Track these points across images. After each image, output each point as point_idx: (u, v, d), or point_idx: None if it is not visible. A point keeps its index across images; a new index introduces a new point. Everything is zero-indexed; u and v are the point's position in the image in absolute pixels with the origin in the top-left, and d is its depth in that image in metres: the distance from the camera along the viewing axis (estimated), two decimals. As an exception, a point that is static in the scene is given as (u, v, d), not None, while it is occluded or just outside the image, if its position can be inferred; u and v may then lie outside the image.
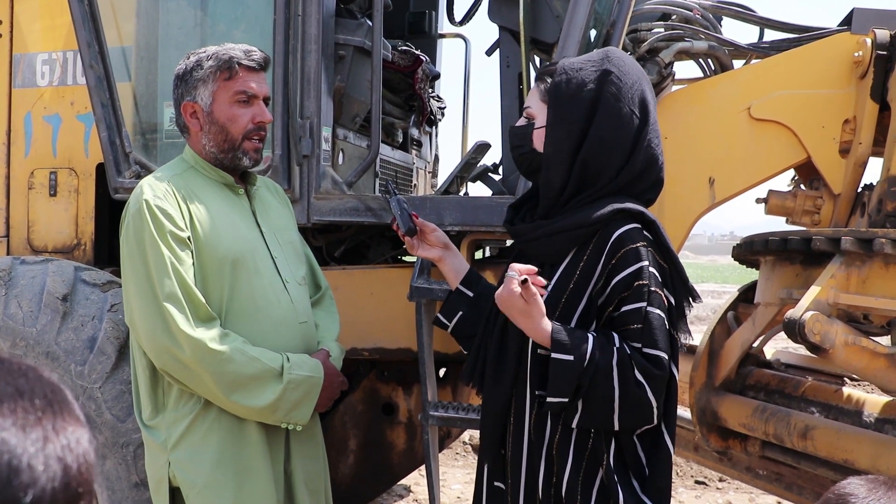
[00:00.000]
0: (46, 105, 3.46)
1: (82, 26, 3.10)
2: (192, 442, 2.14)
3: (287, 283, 2.25)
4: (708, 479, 6.03)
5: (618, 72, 1.87)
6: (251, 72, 2.18)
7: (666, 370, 1.77)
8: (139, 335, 2.12)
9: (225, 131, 2.18)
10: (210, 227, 2.14)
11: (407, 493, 5.59)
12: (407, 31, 4.49)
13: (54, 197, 3.44)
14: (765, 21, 3.24)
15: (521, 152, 1.98)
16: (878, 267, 2.39)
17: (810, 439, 2.64)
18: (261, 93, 2.20)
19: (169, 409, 2.17)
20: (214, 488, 2.13)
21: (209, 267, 2.13)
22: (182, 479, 2.14)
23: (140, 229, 2.08)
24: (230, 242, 2.15)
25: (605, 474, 1.82)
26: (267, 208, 2.35)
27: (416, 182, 4.17)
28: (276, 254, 2.26)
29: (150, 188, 2.12)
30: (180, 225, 2.10)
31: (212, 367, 2.04)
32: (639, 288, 1.77)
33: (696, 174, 2.94)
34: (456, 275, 2.20)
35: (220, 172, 2.23)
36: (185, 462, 2.14)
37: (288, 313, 2.23)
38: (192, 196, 2.16)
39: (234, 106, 2.17)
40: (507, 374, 1.92)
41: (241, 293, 2.16)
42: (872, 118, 2.84)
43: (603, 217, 1.82)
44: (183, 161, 2.27)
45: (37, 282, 2.81)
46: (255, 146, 2.21)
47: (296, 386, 2.13)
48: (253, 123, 2.18)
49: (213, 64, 2.16)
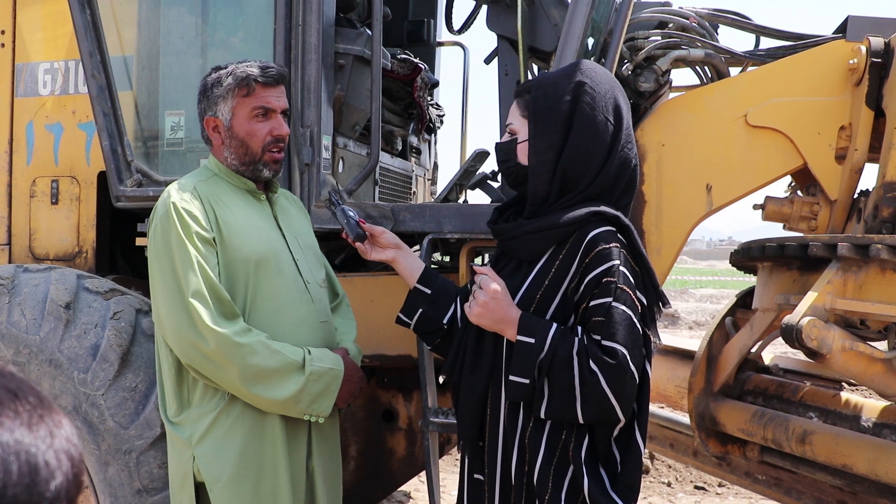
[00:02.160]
0: (48, 114, 3.48)
1: (84, 36, 3.12)
2: (216, 437, 2.20)
3: (308, 283, 2.34)
4: (707, 485, 6.05)
5: (591, 82, 1.96)
6: (268, 87, 2.27)
7: (621, 361, 1.81)
8: (165, 332, 2.20)
9: (245, 145, 2.28)
10: (235, 229, 2.23)
11: (407, 500, 5.60)
12: (406, 40, 4.52)
13: (56, 205, 3.46)
14: (760, 29, 3.27)
15: (507, 166, 2.09)
16: (874, 272, 2.41)
17: (809, 444, 2.66)
18: (278, 107, 2.29)
19: (194, 406, 2.23)
20: (238, 482, 2.19)
21: (233, 267, 2.22)
22: (206, 473, 2.19)
23: (167, 230, 2.17)
24: (254, 243, 2.24)
25: (574, 465, 1.88)
26: (287, 214, 2.45)
27: (415, 189, 4.19)
28: (298, 256, 2.36)
29: (177, 192, 2.22)
30: (205, 226, 2.19)
31: (236, 360, 2.11)
32: (607, 284, 1.86)
33: (694, 181, 2.96)
34: (411, 273, 2.28)
35: (242, 179, 2.32)
36: (209, 457, 2.19)
37: (309, 312, 2.31)
38: (216, 200, 2.25)
39: (252, 121, 2.27)
40: (483, 366, 2.01)
41: (263, 292, 2.24)
42: (868, 125, 2.86)
43: (579, 218, 1.92)
44: (207, 169, 2.36)
45: (40, 290, 2.82)
46: (275, 157, 2.30)
47: (317, 377, 2.20)
48: (271, 136, 2.28)
49: (232, 82, 2.26)
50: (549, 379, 1.85)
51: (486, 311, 1.92)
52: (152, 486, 2.65)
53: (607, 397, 1.82)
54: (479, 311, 1.93)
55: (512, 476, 1.94)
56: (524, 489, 1.93)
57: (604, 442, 1.92)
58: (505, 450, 1.97)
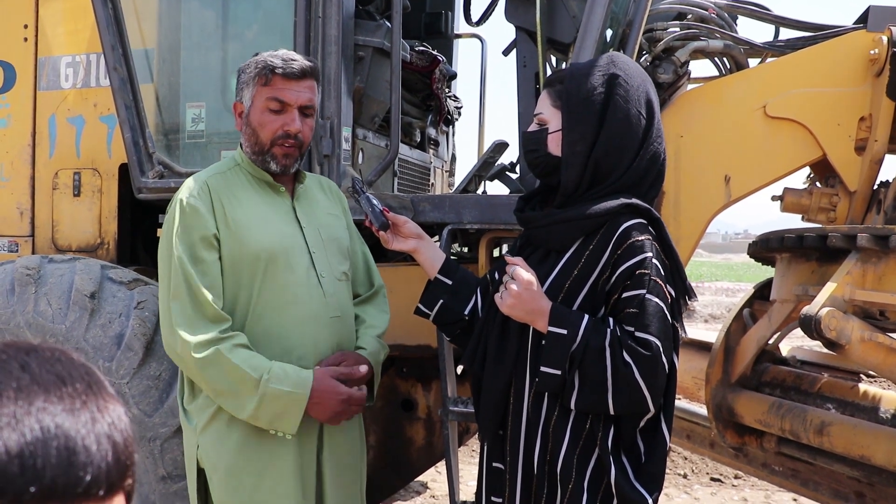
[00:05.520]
0: (70, 107, 3.51)
1: (106, 29, 3.15)
2: (218, 427, 2.20)
3: (322, 277, 2.28)
4: (724, 476, 6.05)
5: (624, 75, 1.96)
6: (288, 80, 2.21)
7: (655, 353, 1.82)
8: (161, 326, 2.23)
9: (256, 135, 2.25)
10: (243, 224, 2.20)
11: (424, 490, 5.63)
12: (423, 32, 4.53)
13: (78, 197, 3.50)
14: (780, 20, 3.26)
15: (535, 156, 2.07)
16: (894, 263, 2.41)
17: (826, 435, 2.66)
18: (295, 102, 2.22)
19: (202, 395, 2.24)
20: (235, 474, 2.18)
21: (240, 263, 2.19)
22: (207, 461, 2.21)
23: (170, 226, 2.17)
24: (261, 239, 2.21)
25: (600, 453, 1.88)
26: (312, 204, 2.38)
27: (433, 181, 4.21)
28: (315, 249, 2.30)
29: (187, 187, 2.22)
30: (208, 223, 2.16)
31: (194, 369, 2.12)
32: (640, 276, 1.86)
33: (712, 172, 2.96)
34: (433, 264, 2.26)
35: (259, 171, 2.29)
36: (210, 446, 2.20)
37: (319, 307, 2.26)
38: (228, 194, 2.22)
39: (266, 113, 2.22)
40: (508, 356, 2.01)
41: (270, 287, 2.21)
42: (888, 115, 2.85)
43: (611, 210, 1.92)
44: (231, 159, 2.34)
45: (65, 280, 2.87)
46: (285, 152, 2.24)
47: (272, 399, 2.13)
48: (282, 131, 2.22)
49: (254, 70, 2.23)
50: (581, 370, 1.85)
51: (519, 302, 1.90)
52: (176, 472, 2.69)
53: (640, 388, 1.82)
54: (511, 301, 1.91)
55: (534, 465, 1.95)
56: (546, 478, 1.93)
57: (630, 432, 1.92)
58: (528, 439, 1.97)
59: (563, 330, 1.86)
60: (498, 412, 2.03)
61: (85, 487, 0.71)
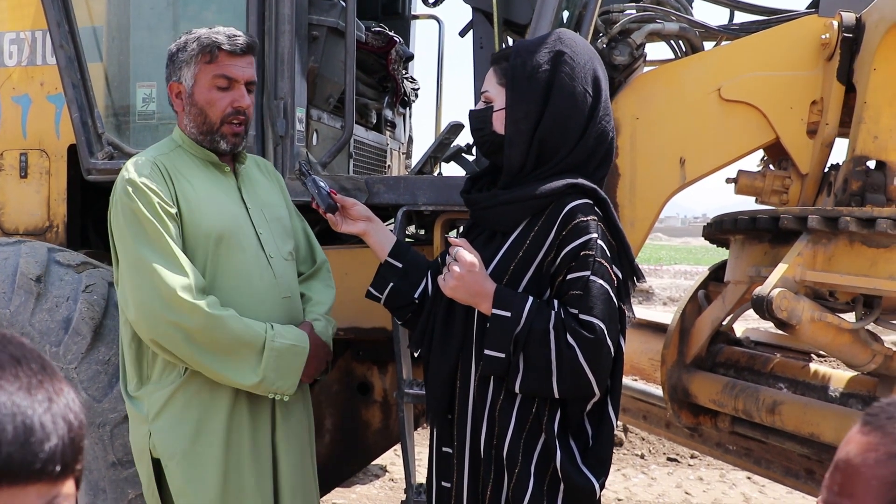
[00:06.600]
0: (15, 85, 3.42)
1: (51, 5, 3.07)
2: (172, 413, 2.16)
3: (271, 258, 2.28)
4: (679, 456, 6.14)
5: (570, 52, 1.93)
6: (233, 56, 2.19)
7: (599, 336, 1.81)
8: (130, 309, 2.14)
9: (204, 114, 2.21)
10: (195, 204, 2.17)
11: (382, 473, 5.63)
12: (380, 13, 4.48)
13: (25, 178, 3.41)
14: (735, 3, 3.27)
15: (481, 135, 2.04)
16: (843, 245, 2.44)
17: (778, 414, 2.70)
18: (242, 77, 2.21)
19: (153, 381, 2.20)
20: (194, 459, 2.15)
21: (193, 243, 2.16)
22: (162, 449, 2.17)
23: (129, 205, 2.11)
24: (214, 219, 2.19)
25: (547, 437, 1.87)
26: (254, 185, 2.37)
27: (389, 163, 4.18)
28: (262, 230, 2.29)
29: (134, 168, 2.16)
30: (167, 200, 2.13)
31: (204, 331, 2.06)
32: (584, 258, 1.84)
33: (667, 154, 2.97)
34: (382, 247, 2.24)
35: (204, 151, 2.25)
36: (164, 432, 2.16)
37: (271, 288, 2.25)
38: (177, 174, 2.19)
39: (213, 90, 2.20)
40: (454, 339, 1.99)
41: (223, 268, 2.19)
42: (839, 99, 2.88)
43: (557, 190, 1.89)
44: (171, 140, 2.29)
45: (9, 263, 2.79)
46: (234, 130, 2.22)
47: (279, 355, 2.14)
48: (231, 108, 2.20)
49: (196, 47, 2.19)
50: (525, 353, 1.84)
51: (462, 284, 1.89)
52: (126, 458, 2.64)
53: (584, 372, 1.81)
54: (454, 283, 1.90)
55: (481, 449, 1.93)
56: (493, 462, 1.92)
57: (576, 416, 1.91)
58: (474, 423, 1.95)
59: (506, 312, 1.84)
60: (444, 396, 2.01)
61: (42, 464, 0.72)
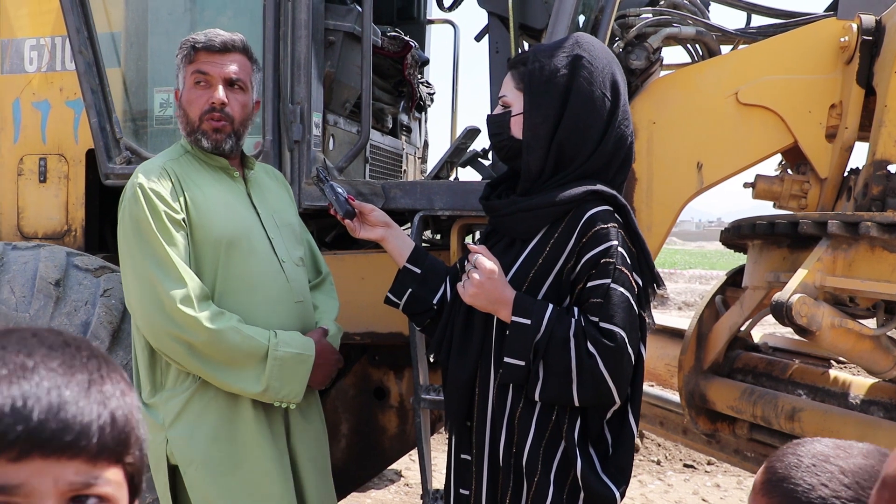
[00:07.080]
0: (35, 91, 3.45)
1: (71, 11, 3.09)
2: (188, 419, 2.16)
3: (283, 262, 2.27)
4: (696, 463, 6.10)
5: (589, 56, 1.91)
6: (210, 53, 2.17)
7: (619, 344, 1.79)
8: (136, 317, 2.15)
9: (186, 114, 2.21)
10: (204, 209, 2.17)
11: (398, 478, 5.63)
12: (396, 17, 4.49)
13: (44, 183, 3.44)
14: (752, 6, 3.26)
15: (499, 140, 2.02)
16: (863, 250, 2.41)
17: (797, 421, 2.68)
18: (218, 74, 2.17)
19: (167, 388, 2.19)
20: (212, 465, 2.15)
21: (203, 248, 2.16)
22: (179, 456, 2.16)
23: (135, 212, 2.11)
24: (224, 223, 2.18)
25: (567, 445, 1.86)
26: (264, 191, 2.37)
27: (405, 168, 4.18)
28: (273, 234, 2.28)
29: (143, 174, 2.16)
30: (175, 207, 2.12)
31: (204, 344, 2.06)
32: (605, 265, 1.82)
33: (684, 159, 2.96)
34: (400, 252, 2.23)
35: (212, 157, 2.25)
36: (181, 439, 2.16)
37: (283, 292, 2.25)
38: (186, 180, 2.18)
39: (193, 89, 2.19)
40: (472, 346, 1.97)
41: (234, 273, 2.18)
42: (858, 103, 2.86)
43: (576, 197, 1.87)
44: (180, 146, 2.29)
45: (29, 267, 2.81)
46: (214, 126, 2.19)
47: (283, 364, 2.14)
48: (208, 105, 2.17)
49: (181, 51, 2.20)
50: (545, 361, 1.82)
51: (481, 291, 1.87)
52: (143, 463, 2.65)
53: (605, 380, 1.79)
54: (473, 290, 1.88)
55: (500, 456, 1.92)
56: (512, 470, 1.90)
57: (596, 424, 1.89)
58: (493, 430, 1.94)
59: (526, 320, 1.83)
60: (463, 403, 2.00)
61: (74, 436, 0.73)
